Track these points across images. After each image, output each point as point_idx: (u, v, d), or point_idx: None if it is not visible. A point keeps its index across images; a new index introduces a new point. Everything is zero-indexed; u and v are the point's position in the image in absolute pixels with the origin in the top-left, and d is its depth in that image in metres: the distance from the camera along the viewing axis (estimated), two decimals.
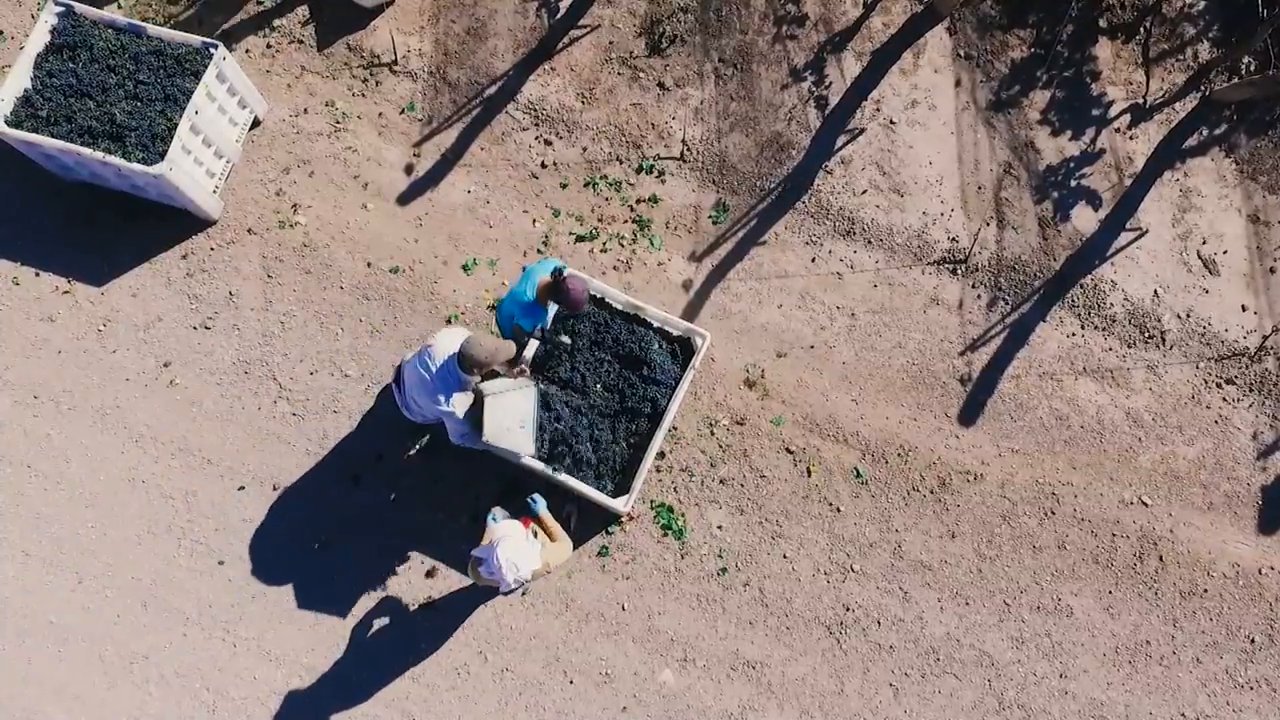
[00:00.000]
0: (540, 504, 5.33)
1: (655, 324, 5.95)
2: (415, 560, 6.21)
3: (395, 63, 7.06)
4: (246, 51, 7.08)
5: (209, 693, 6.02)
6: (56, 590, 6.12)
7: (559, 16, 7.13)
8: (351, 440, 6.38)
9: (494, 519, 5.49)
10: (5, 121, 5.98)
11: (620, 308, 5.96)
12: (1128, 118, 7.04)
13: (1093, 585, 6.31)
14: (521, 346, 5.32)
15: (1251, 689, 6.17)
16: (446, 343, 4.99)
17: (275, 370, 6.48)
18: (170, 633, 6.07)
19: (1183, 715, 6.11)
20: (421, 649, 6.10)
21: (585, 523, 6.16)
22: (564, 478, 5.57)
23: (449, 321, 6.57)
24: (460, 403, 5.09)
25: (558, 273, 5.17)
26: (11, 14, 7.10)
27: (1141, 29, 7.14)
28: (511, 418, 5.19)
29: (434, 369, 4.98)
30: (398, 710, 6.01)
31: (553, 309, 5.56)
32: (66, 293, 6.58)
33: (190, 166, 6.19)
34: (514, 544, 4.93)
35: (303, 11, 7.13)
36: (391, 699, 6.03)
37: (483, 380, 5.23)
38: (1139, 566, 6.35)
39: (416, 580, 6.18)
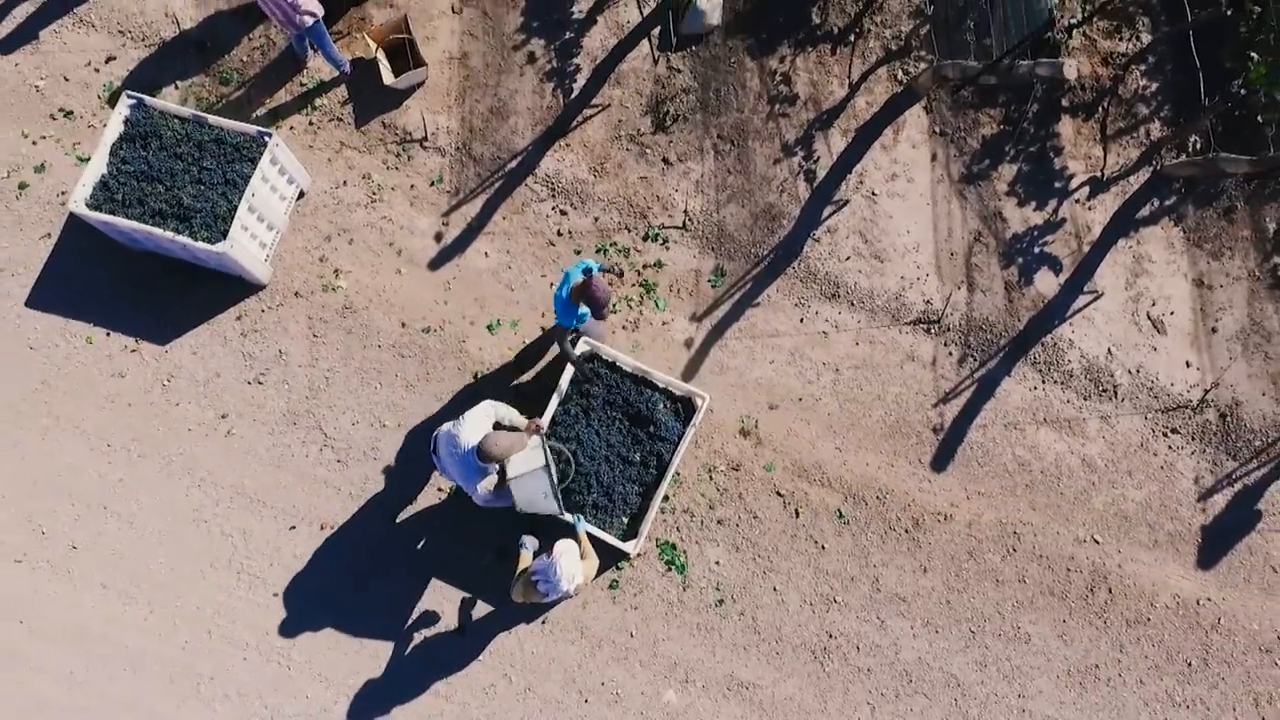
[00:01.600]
0: (582, 523, 6.15)
1: (660, 385, 6.72)
2: (446, 591, 7.00)
3: (425, 139, 7.82)
4: (291, 128, 7.85)
5: (266, 710, 6.82)
6: (131, 619, 6.92)
7: (573, 97, 7.90)
8: (389, 484, 7.16)
9: (524, 546, 6.34)
10: (86, 204, 6.76)
11: (629, 371, 6.74)
12: (1087, 190, 7.80)
13: (1049, 615, 7.10)
14: (538, 412, 6.15)
15: (1188, 707, 6.96)
16: (470, 433, 5.73)
17: (321, 421, 7.26)
18: (232, 657, 6.87)
19: None
20: (452, 671, 6.89)
21: (599, 561, 6.94)
22: (584, 526, 6.35)
23: (475, 377, 7.35)
24: (485, 485, 5.89)
25: (587, 273, 5.96)
26: (80, 94, 7.86)
27: (1100, 109, 7.89)
28: (535, 491, 5.97)
29: (460, 453, 5.75)
30: None
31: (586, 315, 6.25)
32: (134, 351, 7.37)
33: (246, 241, 6.97)
34: (571, 558, 5.74)
35: (341, 92, 7.89)
36: (426, 716, 6.83)
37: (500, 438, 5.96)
38: (1090, 598, 7.13)
39: (448, 609, 6.97)
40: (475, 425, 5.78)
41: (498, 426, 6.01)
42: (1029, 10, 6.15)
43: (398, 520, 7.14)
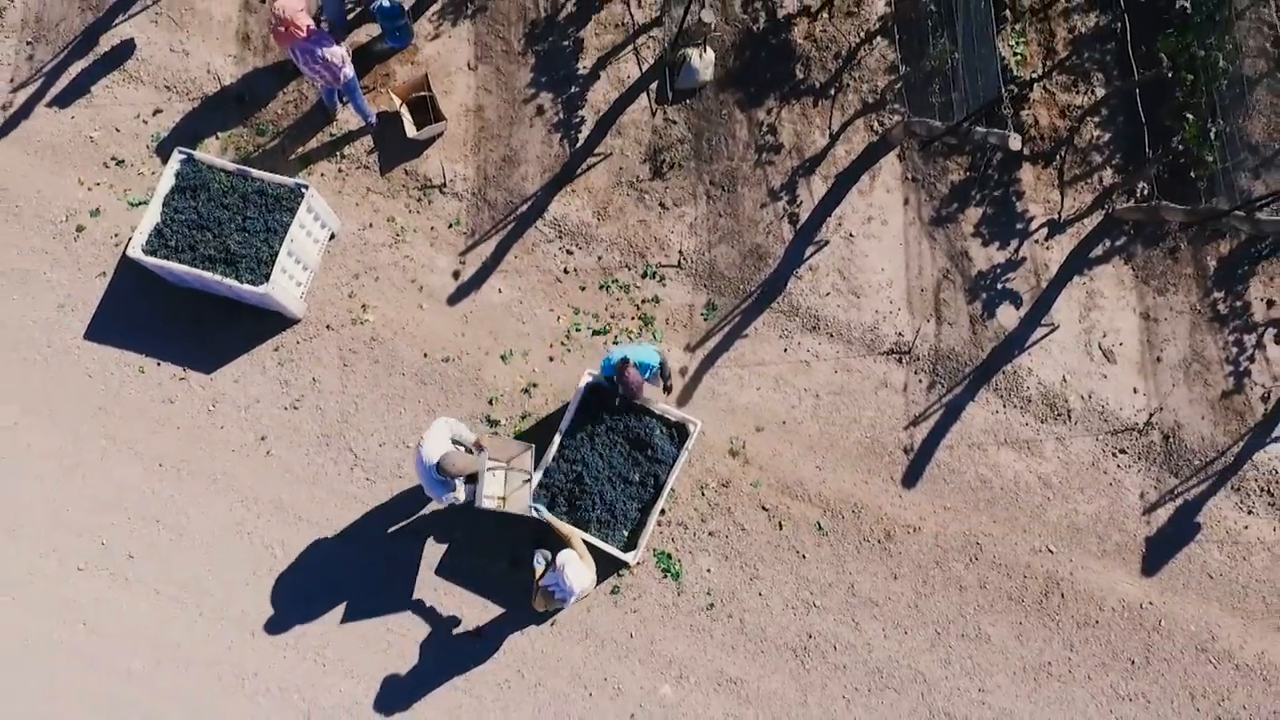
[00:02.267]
0: (542, 512, 7.10)
1: (657, 413, 7.51)
2: (465, 596, 7.78)
3: (444, 185, 8.61)
4: (321, 175, 8.63)
5: (304, 703, 7.61)
6: (183, 621, 7.71)
7: (578, 146, 8.68)
8: (413, 501, 7.95)
9: (537, 560, 7.13)
10: (143, 250, 7.55)
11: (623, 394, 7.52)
12: (1045, 231, 8.59)
13: (1007, 617, 7.89)
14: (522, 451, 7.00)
15: (1131, 700, 7.74)
16: (430, 449, 6.52)
17: (351, 443, 8.05)
18: (273, 655, 7.66)
19: None
20: (470, 668, 7.68)
21: (602, 568, 7.73)
22: (588, 537, 7.13)
23: (490, 403, 8.13)
24: (451, 498, 6.72)
25: (624, 361, 6.74)
26: (130, 144, 8.64)
27: (1058, 157, 8.68)
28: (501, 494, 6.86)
29: (424, 469, 6.56)
30: (453, 717, 7.60)
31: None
32: (182, 379, 8.15)
33: (285, 281, 7.75)
34: (575, 568, 6.51)
35: (367, 142, 8.68)
36: (448, 708, 7.62)
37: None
38: (1044, 602, 7.92)
39: (468, 612, 7.75)
40: (435, 442, 6.58)
41: (454, 442, 6.87)
42: (984, 82, 6.93)
43: (419, 534, 7.92)
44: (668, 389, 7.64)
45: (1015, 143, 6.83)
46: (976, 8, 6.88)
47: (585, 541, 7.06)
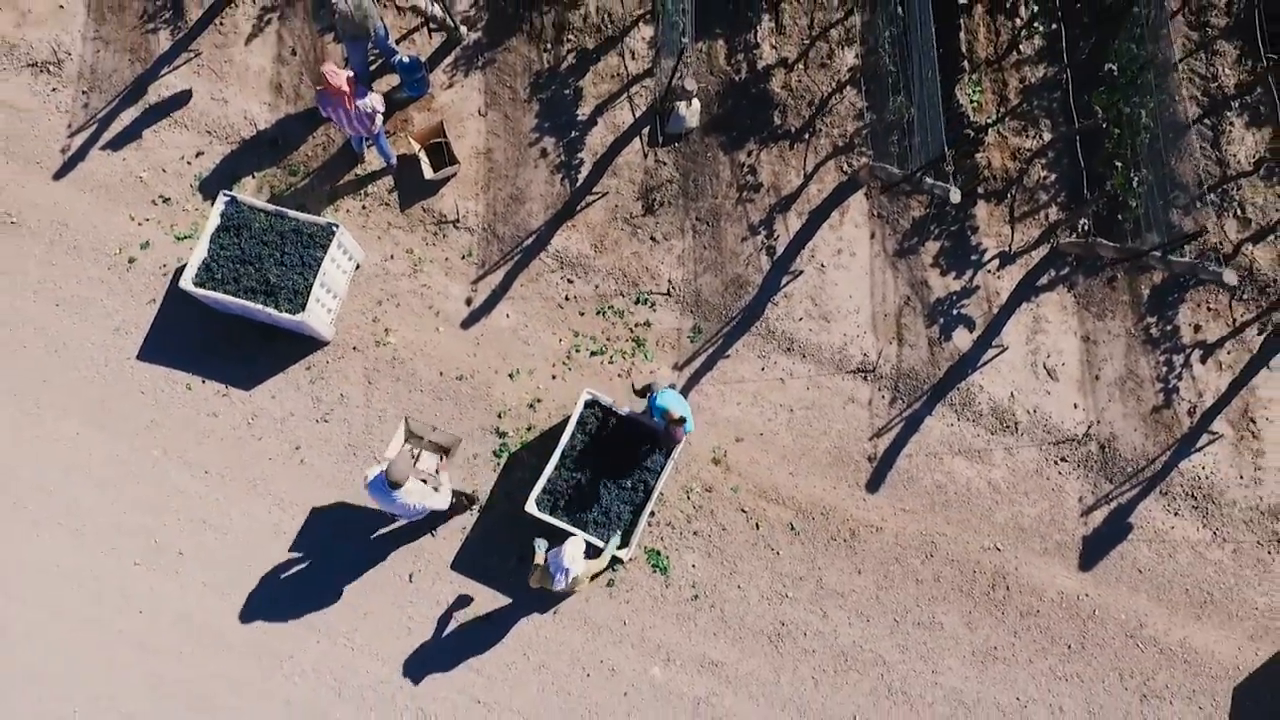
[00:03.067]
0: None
1: (648, 425, 8.50)
2: (477, 587, 8.77)
3: (457, 221, 9.60)
4: (346, 211, 9.63)
5: (335, 682, 8.61)
6: (227, 610, 8.70)
7: (578, 185, 9.68)
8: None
9: (537, 546, 8.05)
10: (193, 283, 8.55)
11: (624, 415, 8.52)
12: (996, 262, 9.57)
13: (958, 607, 8.88)
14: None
15: (1067, 680, 8.74)
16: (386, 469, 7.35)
17: (376, 452, 9.04)
18: (307, 640, 8.66)
19: (1017, 699, 8.69)
20: (481, 651, 8.67)
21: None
22: (587, 537, 8.13)
23: (499, 416, 9.12)
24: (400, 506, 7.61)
25: (680, 421, 7.63)
26: (175, 183, 9.64)
27: (1009, 195, 9.67)
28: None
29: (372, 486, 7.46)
30: (466, 694, 8.60)
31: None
32: (225, 395, 9.15)
33: (318, 309, 8.75)
34: (575, 549, 7.37)
35: (388, 182, 9.67)
36: (461, 686, 8.61)
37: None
38: (992, 594, 8.92)
39: (479, 602, 8.75)
40: (380, 468, 7.46)
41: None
42: (933, 140, 7.91)
43: (436, 532, 8.92)
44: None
45: (955, 196, 7.82)
46: (927, 76, 7.85)
47: (586, 543, 8.05)
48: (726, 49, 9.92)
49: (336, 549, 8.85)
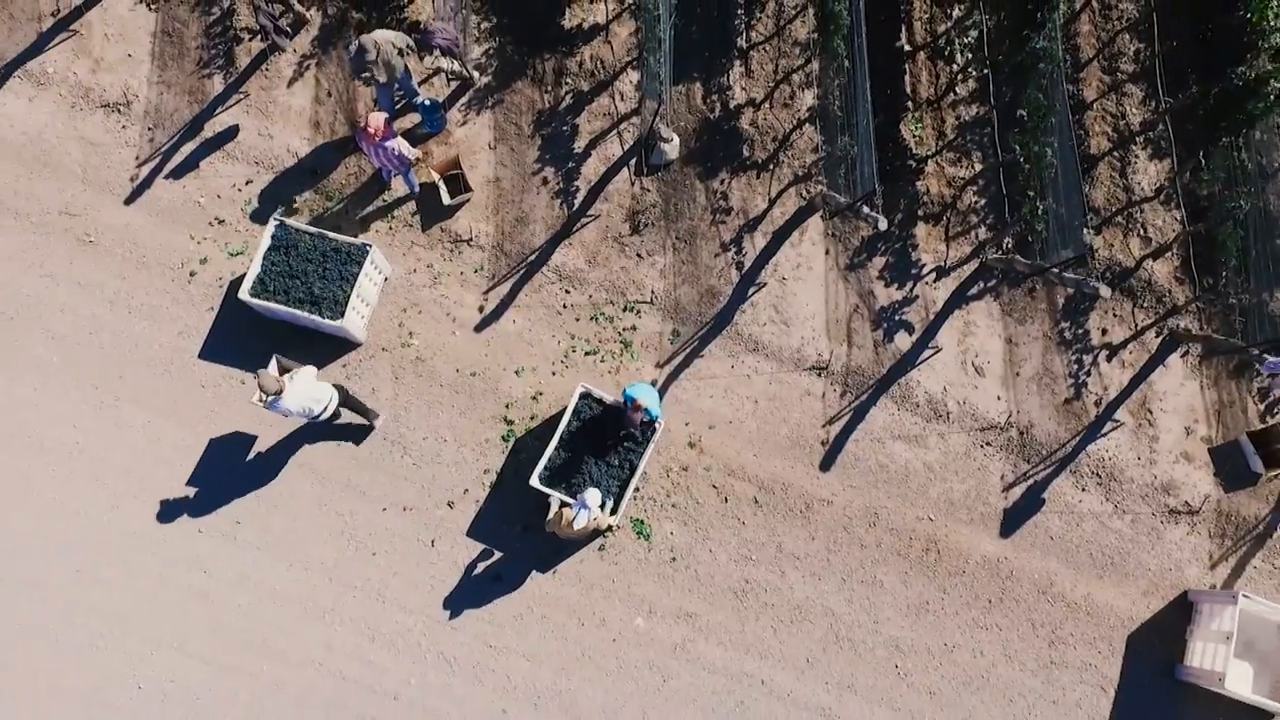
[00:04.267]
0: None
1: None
2: (489, 551, 10.37)
3: (471, 240, 11.20)
4: (375, 230, 11.22)
5: (368, 629, 10.20)
6: (276, 569, 10.27)
7: (574, 208, 11.27)
8: (448, 480, 10.54)
9: (554, 500, 9.52)
10: (249, 294, 10.16)
11: (611, 404, 10.13)
12: (933, 275, 11.16)
13: (896, 568, 10.47)
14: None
15: (987, 629, 10.33)
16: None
17: (403, 438, 10.64)
18: (346, 595, 10.25)
19: (945, 644, 10.28)
20: (494, 603, 10.26)
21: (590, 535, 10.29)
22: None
23: (507, 407, 10.71)
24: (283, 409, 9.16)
25: (635, 405, 9.25)
26: (229, 207, 11.24)
27: (944, 217, 11.26)
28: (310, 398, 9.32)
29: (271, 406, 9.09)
30: (479, 640, 10.19)
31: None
32: None
33: (355, 316, 10.35)
34: (595, 497, 9.09)
35: (411, 206, 11.26)
36: (475, 633, 10.21)
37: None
38: (925, 557, 10.51)
39: (492, 563, 10.33)
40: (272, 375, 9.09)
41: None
42: (866, 175, 9.50)
43: (453, 505, 10.51)
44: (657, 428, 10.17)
45: (882, 224, 9.41)
46: (863, 123, 9.44)
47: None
48: (703, 91, 11.52)
49: (369, 519, 10.44)
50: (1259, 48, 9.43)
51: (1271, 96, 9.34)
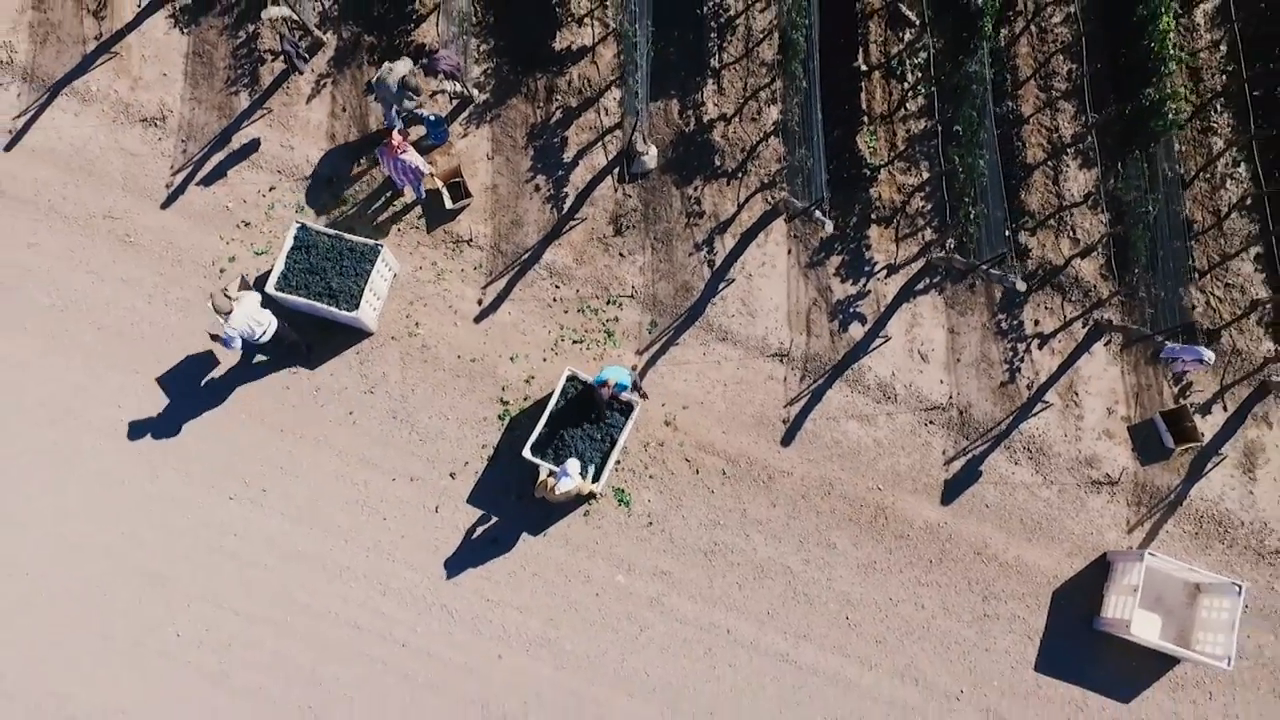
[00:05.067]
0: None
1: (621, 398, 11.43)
2: (486, 516, 11.70)
3: (470, 240, 12.52)
4: (385, 231, 12.55)
5: (380, 585, 11.52)
6: (299, 534, 11.59)
7: (563, 212, 12.60)
8: (450, 453, 11.87)
9: (543, 469, 10.85)
10: (275, 288, 11.50)
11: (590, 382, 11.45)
12: (884, 272, 12.48)
13: (848, 532, 11.80)
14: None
15: (928, 586, 11.66)
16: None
17: (409, 416, 11.97)
18: (357, 556, 11.55)
19: (890, 599, 11.60)
20: (491, 562, 11.59)
21: (577, 501, 11.61)
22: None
23: (503, 389, 12.04)
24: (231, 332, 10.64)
25: (604, 383, 10.58)
26: (254, 211, 12.57)
27: (895, 220, 12.58)
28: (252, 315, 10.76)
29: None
30: (478, 594, 11.53)
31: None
32: (295, 373, 12.07)
33: (368, 308, 11.69)
34: (575, 466, 10.41)
35: (418, 210, 12.59)
36: (475, 589, 11.54)
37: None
38: (874, 523, 11.83)
39: (490, 527, 11.66)
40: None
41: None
42: (816, 184, 10.81)
43: (455, 477, 11.85)
44: (644, 396, 11.47)
45: (829, 228, 10.74)
46: (815, 138, 10.76)
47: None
48: (679, 106, 12.84)
49: (381, 489, 11.78)
50: (1160, 73, 10.72)
51: (1169, 116, 10.64)
